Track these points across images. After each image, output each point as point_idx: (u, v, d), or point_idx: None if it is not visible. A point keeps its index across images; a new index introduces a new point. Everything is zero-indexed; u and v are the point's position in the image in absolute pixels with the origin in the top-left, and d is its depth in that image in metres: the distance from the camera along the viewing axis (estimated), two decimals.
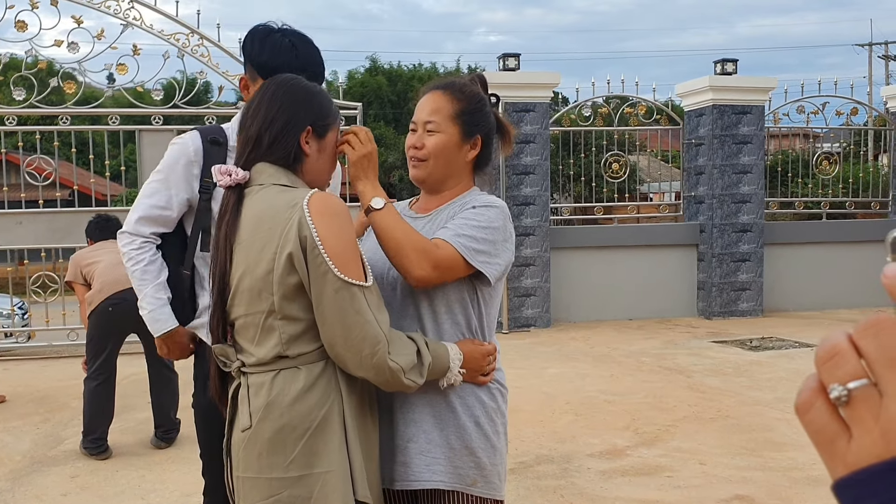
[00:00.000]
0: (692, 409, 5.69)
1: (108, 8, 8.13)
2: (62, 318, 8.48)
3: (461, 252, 1.85)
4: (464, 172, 2.05)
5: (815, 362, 0.51)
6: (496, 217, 1.94)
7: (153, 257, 2.47)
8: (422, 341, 1.78)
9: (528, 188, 9.50)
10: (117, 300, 4.88)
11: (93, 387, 4.96)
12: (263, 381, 1.73)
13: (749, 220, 10.14)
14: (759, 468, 4.46)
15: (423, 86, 2.10)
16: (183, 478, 4.46)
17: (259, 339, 1.74)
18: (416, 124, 2.03)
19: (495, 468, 1.94)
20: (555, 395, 6.15)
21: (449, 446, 1.88)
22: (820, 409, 0.50)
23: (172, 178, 2.45)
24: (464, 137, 2.00)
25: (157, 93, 8.51)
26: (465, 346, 1.89)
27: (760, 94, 10.18)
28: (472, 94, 2.03)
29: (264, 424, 1.72)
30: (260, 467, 1.73)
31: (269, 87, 1.86)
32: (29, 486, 4.45)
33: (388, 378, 1.69)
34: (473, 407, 1.92)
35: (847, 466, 0.48)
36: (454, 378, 1.85)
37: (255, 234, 1.72)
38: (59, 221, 8.64)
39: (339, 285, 1.64)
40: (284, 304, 1.70)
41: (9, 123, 8.50)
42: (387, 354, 1.67)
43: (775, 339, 8.47)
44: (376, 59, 29.36)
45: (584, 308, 9.93)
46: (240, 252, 1.75)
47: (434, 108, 2.01)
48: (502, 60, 9.55)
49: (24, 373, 7.58)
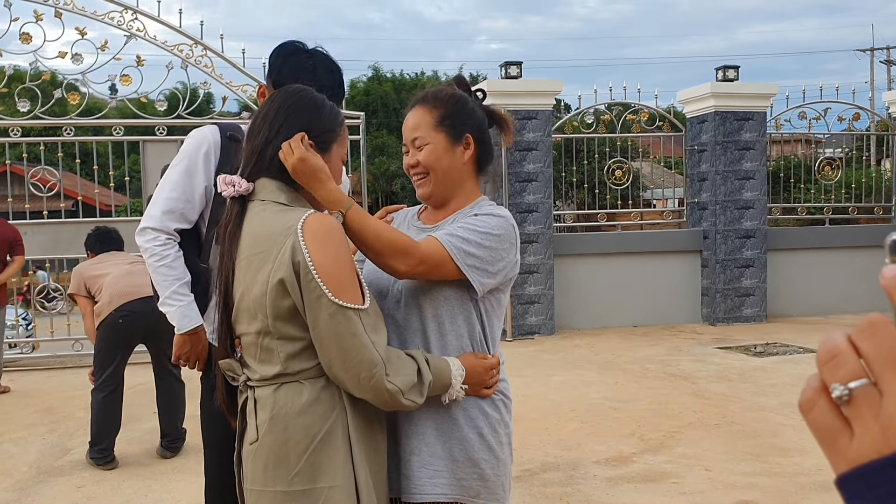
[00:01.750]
0: (697, 416, 5.69)
1: (111, 19, 8.17)
2: (66, 328, 8.50)
3: (451, 253, 1.84)
4: (467, 178, 2.03)
5: (816, 363, 0.53)
6: (498, 225, 1.91)
7: (177, 254, 2.46)
8: (422, 359, 1.77)
9: (531, 195, 9.52)
10: (126, 312, 4.90)
11: (100, 398, 4.95)
12: (268, 394, 1.74)
13: (752, 226, 10.14)
14: (764, 474, 4.46)
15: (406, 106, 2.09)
16: (189, 487, 4.47)
17: (260, 356, 1.75)
18: (407, 145, 2.04)
19: (499, 479, 1.93)
20: (560, 403, 6.16)
21: (452, 459, 1.87)
22: (822, 408, 0.52)
23: (192, 167, 2.45)
24: (452, 141, 1.99)
25: (160, 103, 8.55)
26: (467, 361, 1.88)
27: (762, 101, 10.19)
28: (449, 97, 2.02)
29: (269, 438, 1.72)
30: (265, 480, 1.73)
31: (275, 98, 1.86)
32: (35, 497, 4.45)
33: (387, 399, 1.69)
34: (477, 418, 1.91)
35: (849, 462, 0.50)
36: (456, 394, 1.84)
37: (252, 254, 1.73)
38: (63, 232, 8.67)
39: (333, 309, 1.64)
40: (280, 325, 1.70)
41: (13, 135, 8.54)
42: (384, 377, 1.66)
43: (779, 345, 8.46)
44: (378, 67, 29.50)
45: (589, 315, 9.93)
46: (239, 270, 1.75)
47: (416, 123, 2.00)
48: (504, 68, 9.58)
49: (29, 383, 7.59)
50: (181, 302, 2.44)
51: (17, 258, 7.21)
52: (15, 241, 7.21)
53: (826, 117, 10.75)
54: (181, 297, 2.45)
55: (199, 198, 2.46)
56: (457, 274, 1.85)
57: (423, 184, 2.00)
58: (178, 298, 2.44)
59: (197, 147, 2.47)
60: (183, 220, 2.46)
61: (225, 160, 2.41)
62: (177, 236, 2.47)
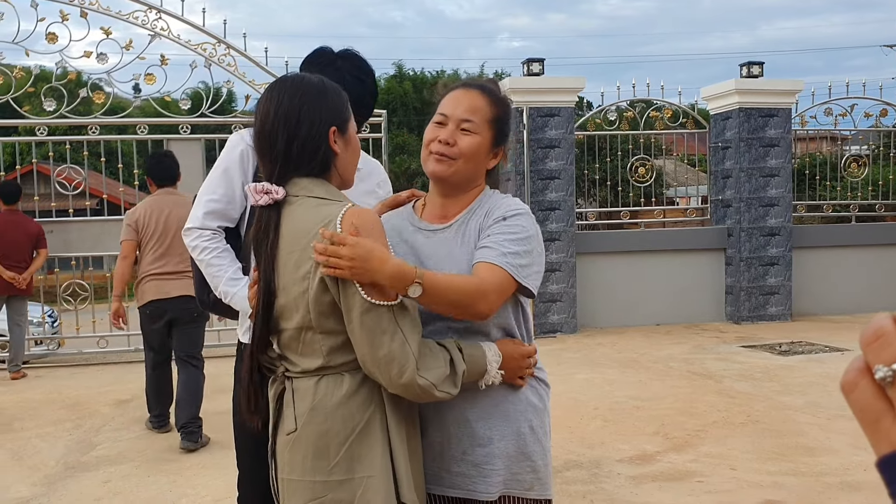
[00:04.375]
0: (722, 414, 5.64)
1: (136, 19, 8.25)
2: (92, 325, 8.58)
3: (511, 273, 1.81)
4: (482, 178, 2.00)
5: (860, 343, 0.53)
6: (529, 225, 1.90)
7: (225, 245, 2.47)
8: (454, 349, 1.77)
9: (553, 193, 9.48)
10: (153, 307, 5.35)
11: (150, 373, 5.55)
12: (308, 385, 1.75)
13: (777, 224, 10.05)
14: (790, 473, 4.41)
15: (449, 80, 2.03)
16: (213, 482, 4.49)
17: (302, 350, 1.76)
18: (448, 118, 1.92)
19: (547, 468, 1.95)
20: (583, 401, 6.13)
21: (507, 455, 1.88)
22: (865, 389, 0.52)
23: (230, 168, 2.48)
24: (494, 144, 1.95)
25: (184, 102, 8.62)
26: (504, 347, 1.88)
27: (787, 97, 10.09)
28: (507, 103, 1.99)
29: (309, 428, 1.73)
30: (304, 470, 1.74)
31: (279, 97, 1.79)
32: (63, 492, 4.50)
33: (420, 394, 1.69)
34: (526, 411, 1.91)
35: (892, 444, 0.50)
36: (493, 379, 1.84)
37: (292, 250, 1.72)
38: (88, 230, 8.75)
39: (366, 307, 1.64)
40: (322, 320, 1.70)
41: (39, 134, 8.63)
42: (415, 373, 1.65)
43: (805, 344, 8.38)
44: (401, 65, 29.54)
45: (611, 313, 9.88)
46: (279, 266, 1.74)
47: (473, 106, 1.92)
48: (527, 65, 9.55)
49: (55, 380, 7.68)
50: (236, 286, 2.43)
51: (42, 251, 7.73)
52: (39, 237, 7.70)
53: (852, 113, 10.63)
54: (234, 282, 2.44)
55: (238, 196, 2.49)
56: (517, 288, 1.85)
57: (446, 164, 1.91)
58: (232, 284, 2.44)
59: (231, 149, 2.51)
60: (225, 219, 2.49)
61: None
62: (221, 232, 2.49)
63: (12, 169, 10.13)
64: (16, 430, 5.81)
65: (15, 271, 7.46)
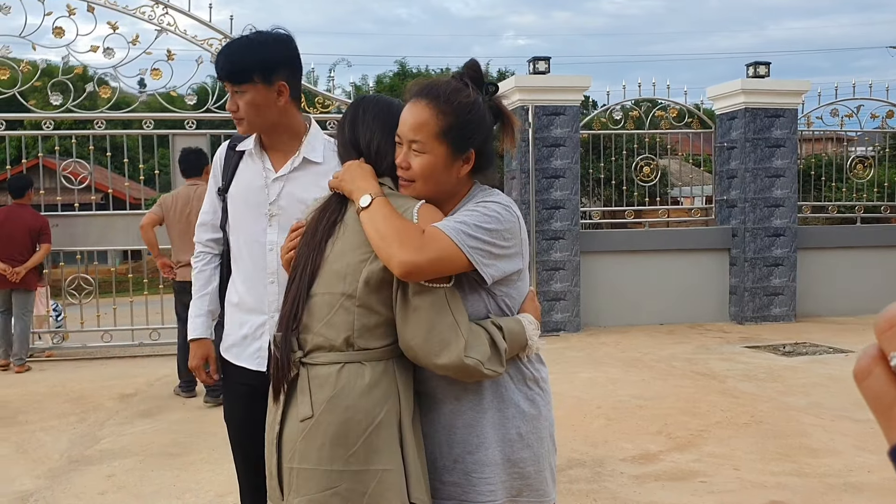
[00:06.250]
0: (725, 415, 5.64)
1: (142, 14, 8.26)
2: (96, 319, 8.59)
3: (451, 235, 1.70)
4: (461, 184, 1.89)
5: (875, 331, 0.52)
6: (502, 212, 1.80)
7: (204, 267, 2.65)
8: (493, 328, 1.80)
9: (557, 192, 9.47)
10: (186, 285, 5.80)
11: (181, 342, 6.11)
12: (329, 373, 1.77)
13: (782, 225, 10.03)
14: (794, 474, 4.41)
15: (413, 85, 1.88)
16: (217, 478, 4.50)
17: (331, 318, 1.79)
18: (402, 138, 1.83)
19: (541, 475, 1.93)
20: (586, 400, 6.13)
21: (494, 462, 1.87)
22: (879, 377, 0.51)
23: (212, 181, 2.63)
24: (453, 155, 1.82)
25: (189, 97, 8.63)
26: (530, 308, 1.92)
27: (793, 98, 10.08)
28: (460, 106, 1.80)
29: (329, 416, 1.75)
30: (320, 458, 1.75)
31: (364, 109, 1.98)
32: (66, 485, 4.51)
33: (470, 373, 1.74)
34: (515, 418, 1.90)
35: None
36: (537, 346, 1.89)
37: (359, 229, 1.81)
38: (93, 224, 8.77)
39: (419, 288, 1.72)
40: (366, 293, 1.76)
41: (46, 128, 8.65)
42: (462, 352, 1.71)
43: (809, 345, 8.37)
44: (405, 63, 29.49)
45: (615, 312, 9.88)
46: (338, 242, 1.83)
47: (417, 123, 1.80)
48: (533, 64, 9.54)
49: (59, 373, 7.69)
50: (192, 313, 2.64)
51: (44, 245, 7.85)
52: (42, 230, 7.81)
53: (858, 114, 10.61)
54: (193, 307, 2.64)
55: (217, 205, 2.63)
56: (465, 263, 1.73)
57: (409, 188, 1.85)
58: (191, 309, 2.65)
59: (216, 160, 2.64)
60: (212, 230, 2.64)
61: (226, 167, 2.55)
62: (212, 247, 2.65)
63: (18, 163, 10.15)
64: (20, 424, 5.83)
65: (11, 265, 7.54)
